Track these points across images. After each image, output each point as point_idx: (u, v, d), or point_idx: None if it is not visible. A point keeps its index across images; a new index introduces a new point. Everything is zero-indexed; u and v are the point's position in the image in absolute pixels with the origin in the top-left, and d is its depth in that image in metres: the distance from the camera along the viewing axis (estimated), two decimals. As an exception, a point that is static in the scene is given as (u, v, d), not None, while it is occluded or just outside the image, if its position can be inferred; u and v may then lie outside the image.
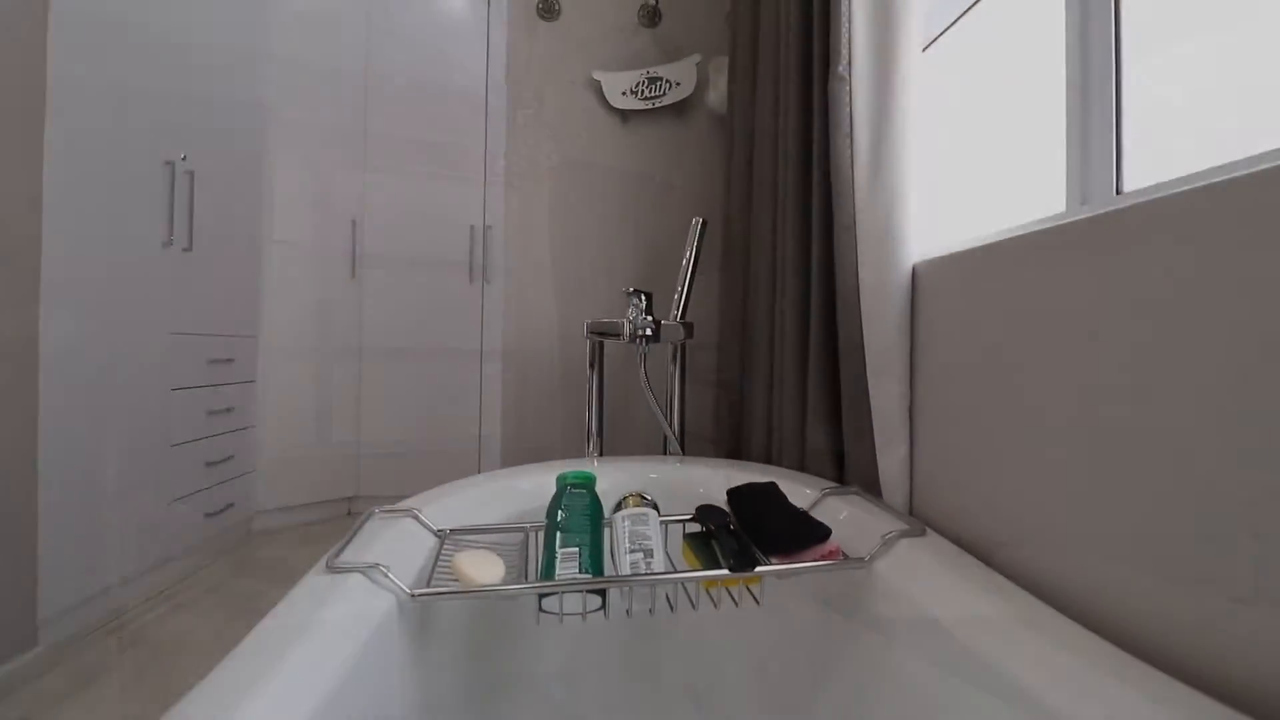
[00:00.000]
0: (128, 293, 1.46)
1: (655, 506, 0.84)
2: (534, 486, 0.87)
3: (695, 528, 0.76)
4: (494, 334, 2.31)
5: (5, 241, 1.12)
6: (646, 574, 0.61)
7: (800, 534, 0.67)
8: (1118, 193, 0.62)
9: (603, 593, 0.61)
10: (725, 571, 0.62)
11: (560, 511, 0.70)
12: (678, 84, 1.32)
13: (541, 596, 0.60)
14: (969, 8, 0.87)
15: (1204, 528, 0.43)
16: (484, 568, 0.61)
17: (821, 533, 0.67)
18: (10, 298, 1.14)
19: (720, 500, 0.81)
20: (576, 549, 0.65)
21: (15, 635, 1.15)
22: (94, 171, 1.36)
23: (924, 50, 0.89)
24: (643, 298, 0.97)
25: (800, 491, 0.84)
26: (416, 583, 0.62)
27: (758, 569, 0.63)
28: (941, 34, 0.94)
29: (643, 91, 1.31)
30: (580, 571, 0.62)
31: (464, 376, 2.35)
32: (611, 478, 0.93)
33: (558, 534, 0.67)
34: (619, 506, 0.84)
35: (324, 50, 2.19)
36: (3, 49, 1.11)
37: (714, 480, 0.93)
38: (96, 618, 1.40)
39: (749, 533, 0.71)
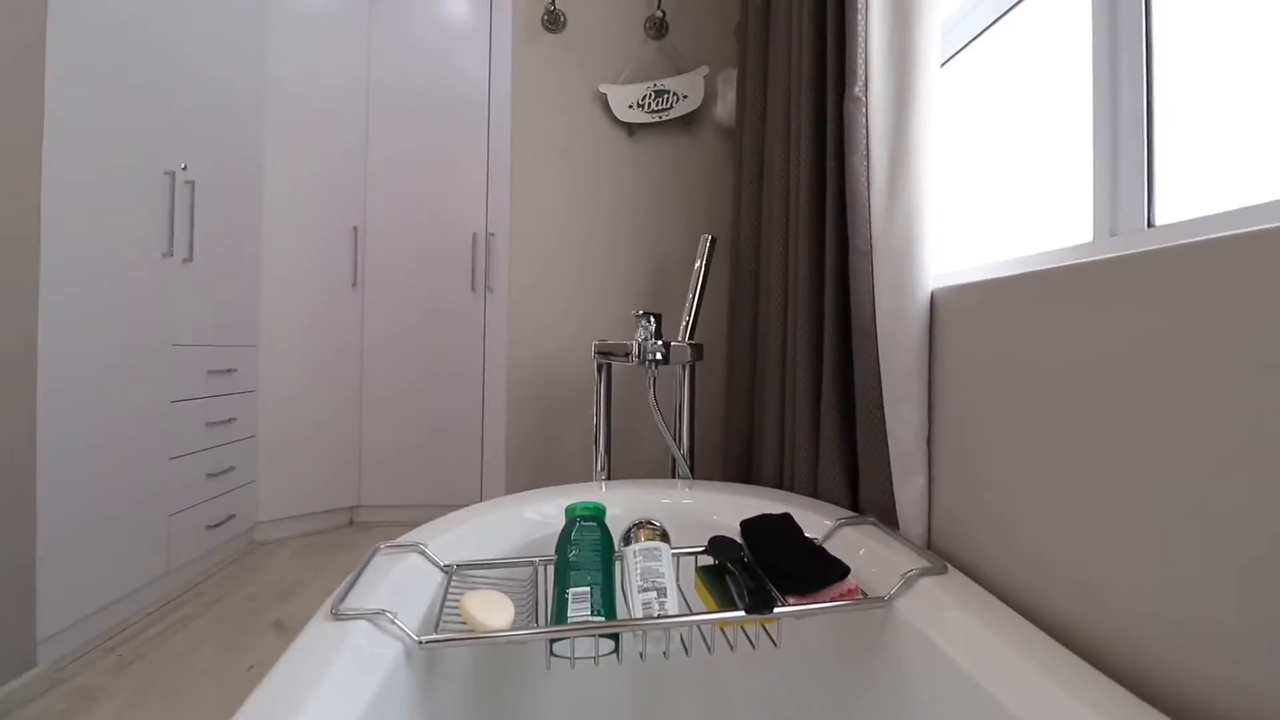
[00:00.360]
0: (127, 305, 1.45)
1: (665, 535, 0.82)
2: (541, 516, 0.85)
3: (708, 560, 0.75)
4: (496, 343, 2.29)
5: (3, 253, 1.11)
6: (660, 617, 0.60)
7: (818, 572, 0.65)
8: (1149, 225, 0.60)
9: (615, 636, 0.60)
10: (741, 613, 0.61)
11: (571, 548, 0.68)
12: (685, 97, 1.30)
13: (553, 641, 0.58)
14: (993, 22, 0.85)
15: (1242, 578, 0.41)
16: (493, 611, 0.59)
17: (840, 570, 0.65)
18: (8, 310, 1.12)
19: (732, 529, 0.79)
20: (588, 589, 0.63)
21: (15, 656, 1.13)
22: (93, 182, 1.34)
23: (942, 66, 0.87)
24: (652, 320, 0.95)
25: (815, 520, 0.82)
26: (424, 625, 0.60)
27: (776, 610, 0.61)
28: (961, 50, 0.92)
29: (649, 104, 1.29)
30: (592, 613, 0.60)
31: (466, 386, 2.33)
32: (620, 503, 0.92)
33: (569, 572, 0.65)
34: (628, 535, 0.82)
35: (325, 57, 2.18)
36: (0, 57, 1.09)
37: (725, 507, 0.91)
38: (97, 634, 1.38)
39: (764, 567, 0.70)
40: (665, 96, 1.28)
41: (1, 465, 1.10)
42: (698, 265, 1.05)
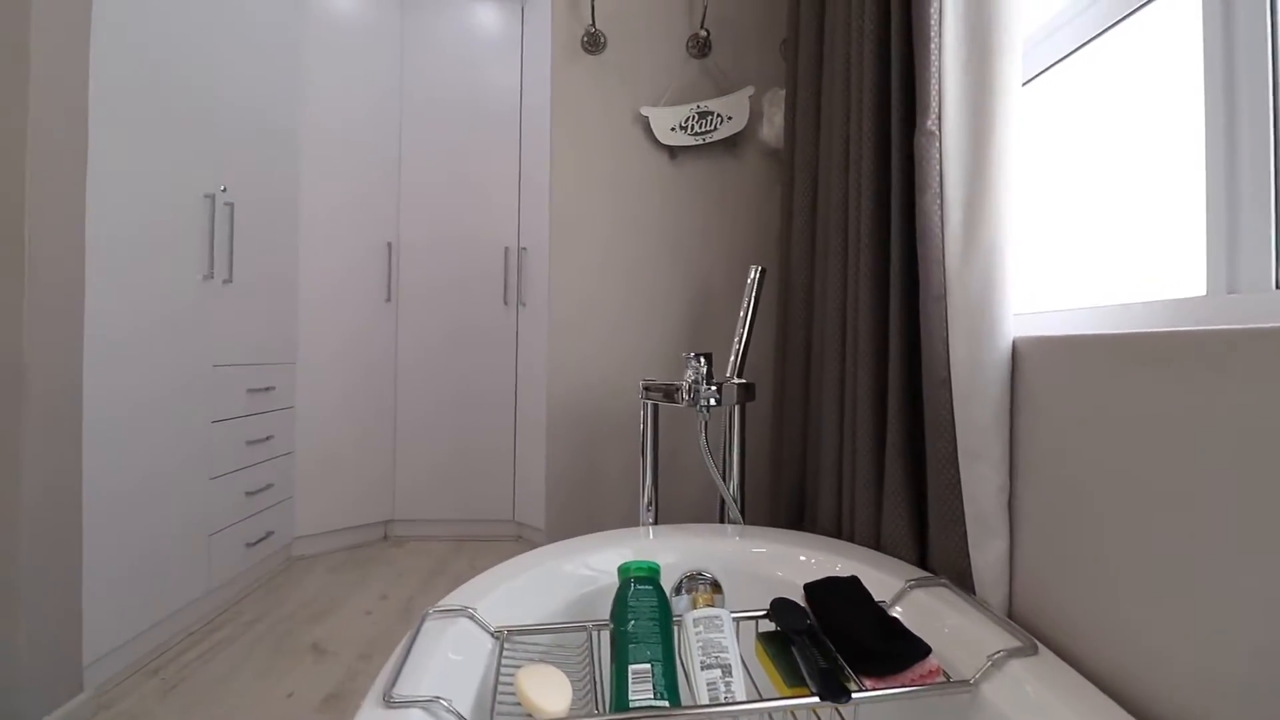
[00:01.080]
0: (170, 328, 1.46)
1: (717, 585, 0.79)
2: (592, 570, 0.82)
3: (768, 624, 0.70)
4: (528, 358, 2.28)
5: (47, 279, 1.12)
6: (730, 704, 0.56)
7: (897, 652, 0.60)
8: (1278, 286, 0.54)
9: None
10: (815, 699, 0.56)
11: (628, 617, 0.65)
12: (729, 118, 1.26)
13: (614, 727, 0.55)
14: (1084, 44, 0.78)
15: None
16: (550, 693, 0.55)
17: (921, 650, 0.60)
18: (55, 337, 1.13)
19: (793, 585, 0.75)
20: (648, 665, 0.59)
21: (62, 683, 1.15)
22: (135, 208, 1.35)
23: (1024, 85, 0.81)
24: (702, 361, 0.91)
25: (881, 579, 0.77)
26: (478, 706, 0.57)
27: (854, 695, 0.56)
28: (1044, 71, 0.86)
29: (693, 127, 1.25)
30: (655, 695, 0.57)
31: (499, 400, 2.32)
32: (672, 551, 0.88)
33: (627, 645, 0.61)
34: (679, 588, 0.79)
35: (357, 72, 2.18)
36: (44, 84, 1.10)
37: (784, 560, 0.87)
38: (140, 656, 1.40)
39: (833, 638, 0.65)
40: (709, 118, 1.23)
41: (48, 490, 1.12)
42: (746, 299, 1.00)
